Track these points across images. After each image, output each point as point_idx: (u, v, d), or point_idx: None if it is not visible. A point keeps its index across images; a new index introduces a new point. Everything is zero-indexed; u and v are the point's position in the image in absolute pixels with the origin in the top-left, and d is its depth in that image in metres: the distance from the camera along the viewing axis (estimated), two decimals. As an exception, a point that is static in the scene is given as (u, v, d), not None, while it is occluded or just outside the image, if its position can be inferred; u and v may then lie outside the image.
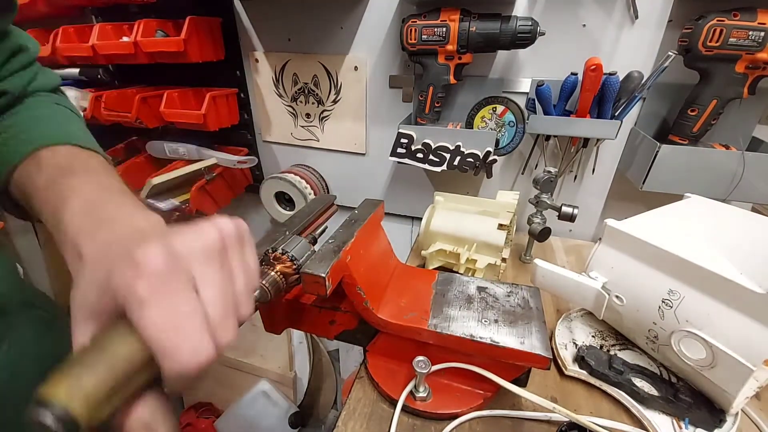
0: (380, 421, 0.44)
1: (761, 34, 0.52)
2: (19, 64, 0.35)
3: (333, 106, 0.92)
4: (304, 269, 0.36)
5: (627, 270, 0.47)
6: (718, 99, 0.59)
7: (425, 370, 0.41)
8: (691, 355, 0.41)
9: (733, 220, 0.52)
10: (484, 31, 0.64)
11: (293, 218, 0.46)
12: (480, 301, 0.46)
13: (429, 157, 0.76)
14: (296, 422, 1.26)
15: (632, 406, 0.44)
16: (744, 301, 0.37)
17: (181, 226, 0.23)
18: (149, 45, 0.81)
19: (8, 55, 0.35)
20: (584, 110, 0.67)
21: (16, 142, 0.31)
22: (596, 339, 0.53)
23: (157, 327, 0.19)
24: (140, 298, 0.19)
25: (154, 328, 0.19)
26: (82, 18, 1.01)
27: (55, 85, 0.39)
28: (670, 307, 0.43)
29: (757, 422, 0.43)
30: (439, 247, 0.66)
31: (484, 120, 0.81)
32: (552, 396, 0.47)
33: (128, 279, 0.19)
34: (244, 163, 0.98)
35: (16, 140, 0.31)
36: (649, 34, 0.66)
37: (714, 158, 0.62)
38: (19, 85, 0.35)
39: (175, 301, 0.20)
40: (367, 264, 0.45)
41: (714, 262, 0.40)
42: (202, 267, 0.21)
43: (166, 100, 0.87)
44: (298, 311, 0.48)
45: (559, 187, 0.83)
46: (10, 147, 0.31)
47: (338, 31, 0.83)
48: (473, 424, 0.44)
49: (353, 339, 0.48)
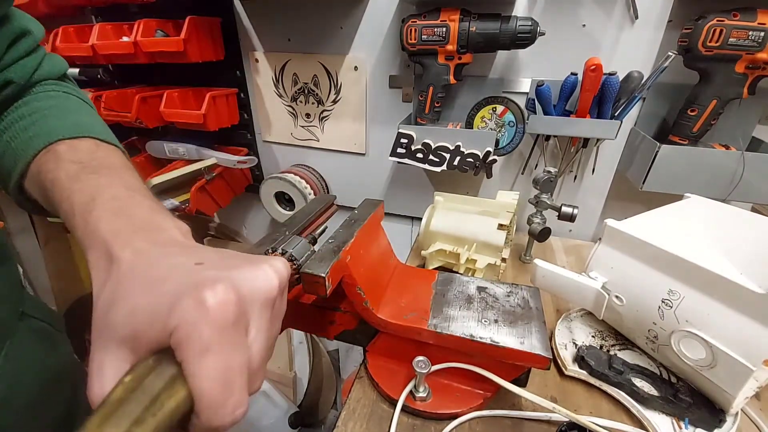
0: (380, 421, 0.44)
1: (761, 34, 0.52)
2: (23, 50, 0.33)
3: (333, 106, 0.92)
4: (304, 269, 0.36)
5: (627, 270, 0.47)
6: (718, 99, 0.59)
7: (425, 370, 0.41)
8: (691, 355, 0.41)
9: (733, 220, 0.52)
10: (484, 31, 0.64)
11: (293, 218, 0.46)
12: (480, 301, 0.46)
13: (429, 157, 0.76)
14: (296, 422, 1.26)
15: (632, 406, 0.44)
16: (744, 301, 0.37)
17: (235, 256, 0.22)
18: (149, 45, 0.81)
19: (11, 41, 0.32)
20: (584, 110, 0.67)
21: (30, 135, 0.29)
22: (596, 339, 0.53)
23: (210, 380, 0.18)
24: (203, 346, 0.18)
25: (207, 382, 0.18)
26: (82, 18, 1.01)
27: (62, 71, 0.36)
28: (670, 307, 0.43)
29: (757, 422, 0.43)
30: (439, 247, 0.66)
31: (484, 120, 0.81)
32: (552, 396, 0.47)
33: (194, 319, 0.18)
34: (244, 163, 0.98)
35: (29, 133, 0.29)
36: (648, 34, 0.66)
37: (714, 158, 0.62)
38: (24, 74, 0.32)
39: (233, 354, 0.19)
40: (367, 264, 0.45)
41: (714, 262, 0.40)
42: (258, 316, 0.21)
43: (166, 100, 0.87)
44: (298, 311, 0.48)
45: (559, 187, 0.83)
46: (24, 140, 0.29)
47: (338, 31, 0.83)
48: (473, 424, 0.44)
49: (353, 339, 0.48)
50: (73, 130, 0.30)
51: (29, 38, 0.33)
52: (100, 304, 0.21)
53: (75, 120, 0.31)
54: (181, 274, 0.20)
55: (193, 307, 0.18)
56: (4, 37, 0.31)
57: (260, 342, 0.21)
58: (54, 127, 0.30)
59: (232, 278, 0.20)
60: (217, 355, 0.18)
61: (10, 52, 0.32)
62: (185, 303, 0.18)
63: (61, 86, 0.35)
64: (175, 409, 0.18)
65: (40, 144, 0.28)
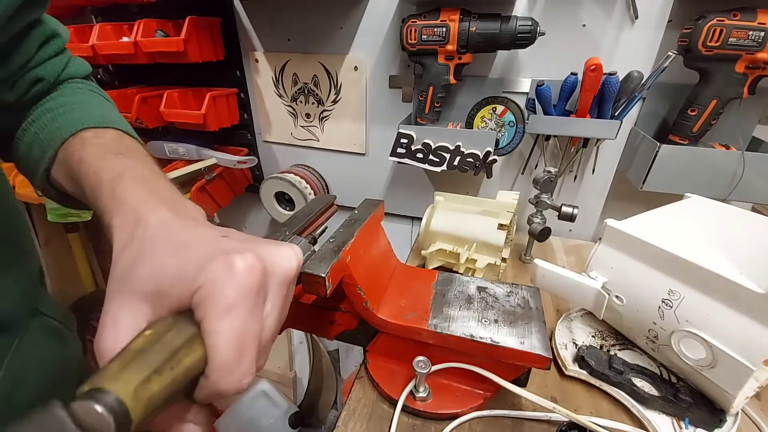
0: (380, 421, 0.44)
1: (761, 34, 0.52)
2: (53, 50, 0.35)
3: (333, 106, 0.92)
4: (304, 269, 0.36)
5: (627, 270, 0.47)
6: (718, 99, 0.59)
7: (425, 370, 0.41)
8: (691, 355, 0.41)
9: (733, 220, 0.52)
10: (484, 31, 0.64)
11: (293, 218, 0.46)
12: (480, 301, 0.46)
13: (429, 157, 0.76)
14: (296, 422, 1.26)
15: (632, 406, 0.44)
16: (744, 301, 0.37)
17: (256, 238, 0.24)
18: (149, 45, 0.81)
19: (42, 42, 0.34)
20: (584, 110, 0.67)
21: (57, 126, 0.31)
22: (596, 339, 0.53)
23: (227, 340, 0.18)
24: (226, 305, 0.18)
25: (224, 341, 0.18)
26: (82, 18, 1.01)
27: (86, 72, 0.39)
28: (670, 307, 0.43)
29: (757, 422, 0.43)
30: (439, 247, 0.66)
31: (484, 120, 0.81)
32: (552, 396, 0.47)
33: (221, 279, 0.19)
34: (244, 163, 0.98)
35: (56, 124, 0.31)
36: (648, 34, 0.66)
37: (714, 158, 0.62)
38: (53, 72, 0.35)
39: (250, 321, 0.19)
40: (367, 264, 0.44)
41: (714, 262, 0.40)
42: (276, 292, 0.22)
43: (166, 100, 0.87)
44: (298, 311, 0.48)
45: (559, 187, 0.83)
46: (51, 130, 0.31)
47: (338, 31, 0.82)
48: (473, 424, 0.44)
49: (353, 339, 0.48)
50: (99, 121, 0.31)
51: (58, 40, 0.36)
52: (122, 261, 0.21)
53: (101, 113, 0.33)
54: (209, 243, 0.21)
55: (222, 268, 0.19)
56: (36, 38, 0.33)
57: (273, 317, 0.22)
58: (80, 117, 0.31)
59: (258, 251, 0.21)
60: (236, 318, 0.19)
61: (41, 52, 0.34)
62: (214, 264, 0.19)
63: (86, 84, 0.38)
64: (190, 367, 0.18)
65: (67, 132, 0.30)
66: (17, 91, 0.33)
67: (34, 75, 0.34)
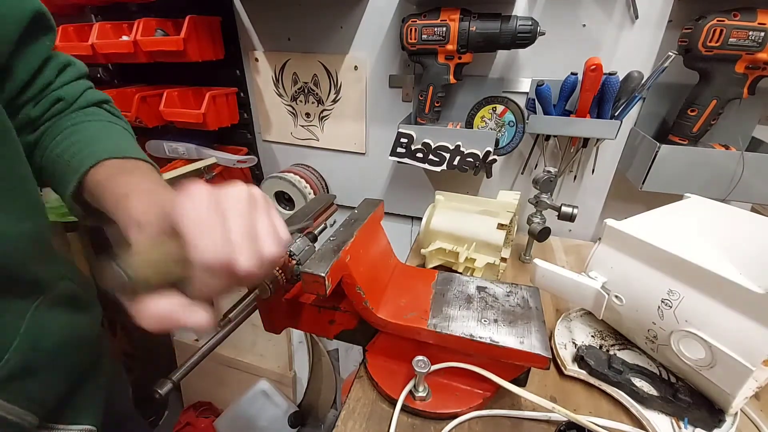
0: (380, 421, 0.44)
1: (761, 34, 0.52)
2: (70, 76, 0.42)
3: (333, 106, 0.92)
4: (303, 269, 0.36)
5: (626, 270, 0.47)
6: (718, 99, 0.59)
7: (425, 369, 0.41)
8: (691, 355, 0.41)
9: (733, 220, 0.52)
10: (484, 31, 0.64)
11: (293, 217, 0.46)
12: (479, 301, 0.46)
13: (429, 157, 0.76)
14: (296, 422, 1.26)
15: (632, 405, 0.44)
16: (743, 301, 0.37)
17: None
18: (149, 44, 0.80)
19: (60, 69, 0.41)
20: (584, 110, 0.67)
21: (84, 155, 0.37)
22: (596, 339, 0.53)
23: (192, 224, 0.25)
24: (186, 207, 0.26)
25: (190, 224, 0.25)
26: (82, 17, 1.01)
27: (102, 99, 0.45)
28: (670, 307, 0.43)
29: (756, 422, 0.43)
30: (439, 246, 0.66)
31: (484, 120, 0.81)
32: (551, 396, 0.47)
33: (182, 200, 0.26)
34: (244, 162, 0.98)
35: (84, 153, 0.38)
36: (649, 34, 0.66)
37: (714, 158, 0.62)
38: (73, 94, 0.41)
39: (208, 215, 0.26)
40: (367, 264, 0.45)
41: (713, 262, 0.40)
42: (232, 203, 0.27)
43: (165, 100, 0.87)
44: (297, 311, 0.48)
45: (558, 187, 0.83)
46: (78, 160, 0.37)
47: (338, 30, 0.82)
48: (473, 424, 0.44)
49: (353, 339, 0.48)
50: (117, 152, 0.38)
51: (73, 68, 0.42)
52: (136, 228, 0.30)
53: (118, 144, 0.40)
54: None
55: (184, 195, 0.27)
56: (53, 67, 0.40)
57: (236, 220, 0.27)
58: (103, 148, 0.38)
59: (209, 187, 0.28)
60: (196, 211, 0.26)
61: (60, 77, 0.41)
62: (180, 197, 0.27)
63: (106, 116, 0.44)
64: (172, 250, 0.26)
65: (92, 161, 0.37)
66: (40, 109, 0.39)
67: (56, 95, 0.40)
